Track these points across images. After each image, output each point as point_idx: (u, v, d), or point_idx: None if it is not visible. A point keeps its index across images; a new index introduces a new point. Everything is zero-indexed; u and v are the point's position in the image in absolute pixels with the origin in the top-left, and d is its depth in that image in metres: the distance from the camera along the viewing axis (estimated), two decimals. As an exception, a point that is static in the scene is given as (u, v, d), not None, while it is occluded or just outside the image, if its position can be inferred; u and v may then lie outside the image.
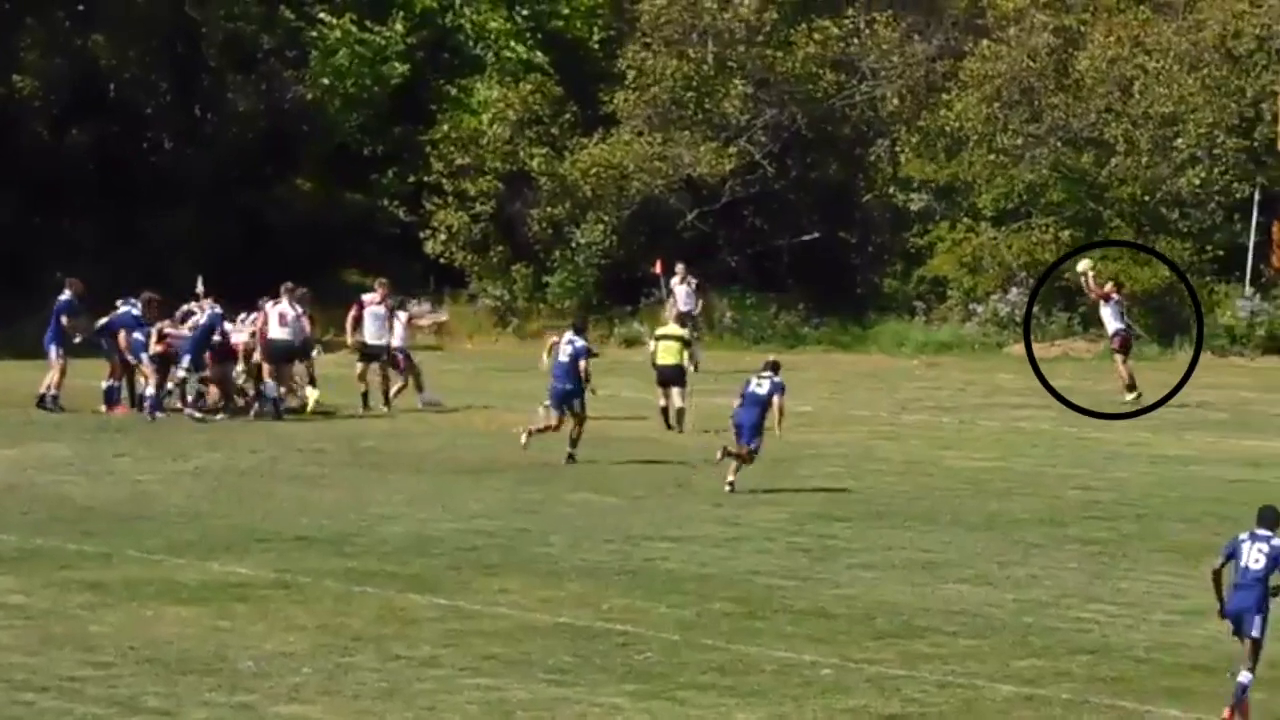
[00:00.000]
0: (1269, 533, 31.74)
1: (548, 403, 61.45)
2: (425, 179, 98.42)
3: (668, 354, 66.48)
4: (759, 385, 55.55)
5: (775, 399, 55.45)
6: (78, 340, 69.55)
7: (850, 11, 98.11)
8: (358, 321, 71.18)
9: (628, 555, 43.96)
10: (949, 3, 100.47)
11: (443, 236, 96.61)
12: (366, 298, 72.89)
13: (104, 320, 69.36)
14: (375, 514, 49.85)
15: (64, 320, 69.42)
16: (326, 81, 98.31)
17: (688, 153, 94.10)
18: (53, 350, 69.31)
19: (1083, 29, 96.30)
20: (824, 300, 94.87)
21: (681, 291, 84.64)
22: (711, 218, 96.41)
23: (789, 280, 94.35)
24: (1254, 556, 31.26)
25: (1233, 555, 31.49)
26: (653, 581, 41.08)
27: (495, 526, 48.59)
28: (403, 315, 73.48)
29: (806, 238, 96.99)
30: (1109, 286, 76.85)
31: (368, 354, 70.58)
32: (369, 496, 52.60)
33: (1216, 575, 31.39)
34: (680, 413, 65.52)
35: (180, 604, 38.89)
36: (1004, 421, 70.39)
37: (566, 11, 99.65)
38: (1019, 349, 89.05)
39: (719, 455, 53.98)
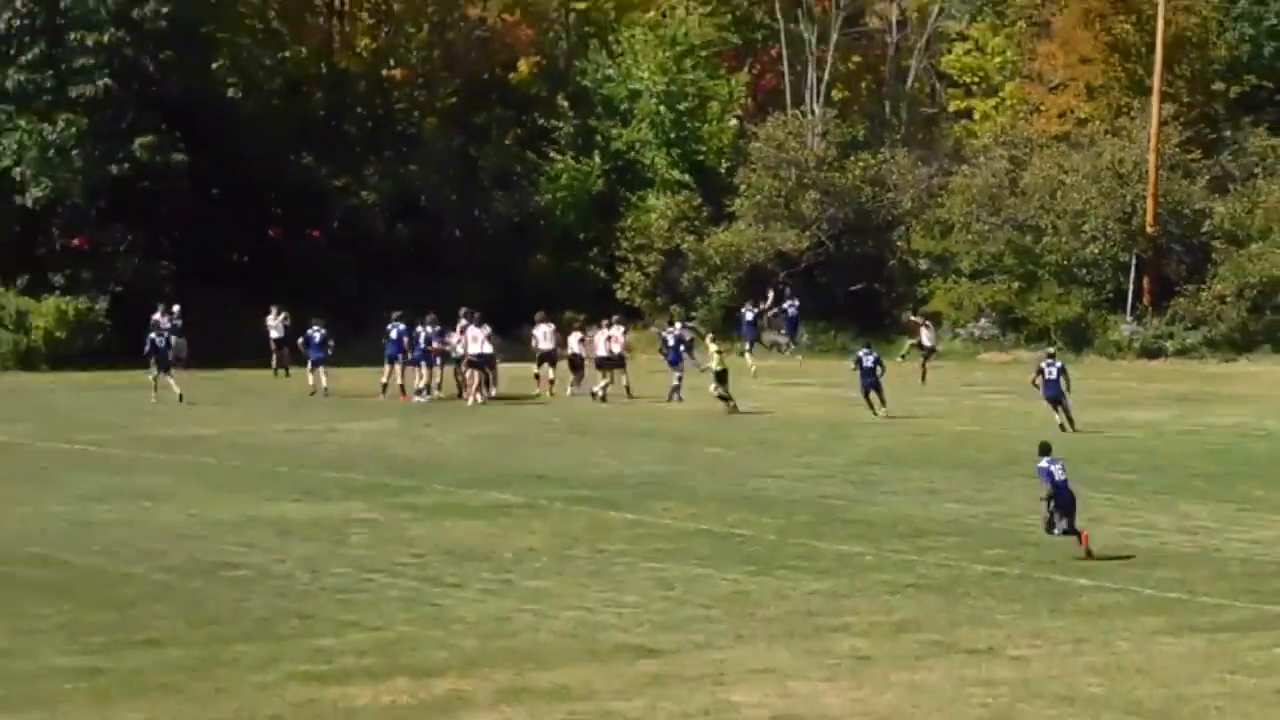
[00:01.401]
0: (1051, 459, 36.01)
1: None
2: (616, 253, 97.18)
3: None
4: (1051, 368, 59.09)
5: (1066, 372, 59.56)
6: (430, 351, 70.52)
7: (881, 149, 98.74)
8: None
9: (741, 485, 47.37)
10: (942, 142, 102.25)
11: (628, 288, 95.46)
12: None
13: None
14: (585, 461, 52.91)
15: (404, 341, 70.26)
16: (554, 194, 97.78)
17: (779, 236, 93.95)
18: (393, 363, 70.93)
19: (1025, 158, 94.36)
20: (866, 326, 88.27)
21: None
22: (793, 277, 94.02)
23: (843, 315, 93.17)
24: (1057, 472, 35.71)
25: (1049, 476, 35.59)
26: (758, 502, 44.33)
27: (659, 469, 51.35)
28: (599, 334, 72.41)
29: (854, 288, 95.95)
30: (920, 319, 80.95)
31: (602, 363, 70.50)
32: (581, 451, 55.57)
33: (1048, 497, 35.55)
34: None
35: (466, 518, 42.23)
36: (978, 401, 71.77)
37: (705, 150, 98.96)
38: (988, 357, 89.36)
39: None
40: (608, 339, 71.05)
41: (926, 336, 79.69)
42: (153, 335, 69.36)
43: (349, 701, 25.14)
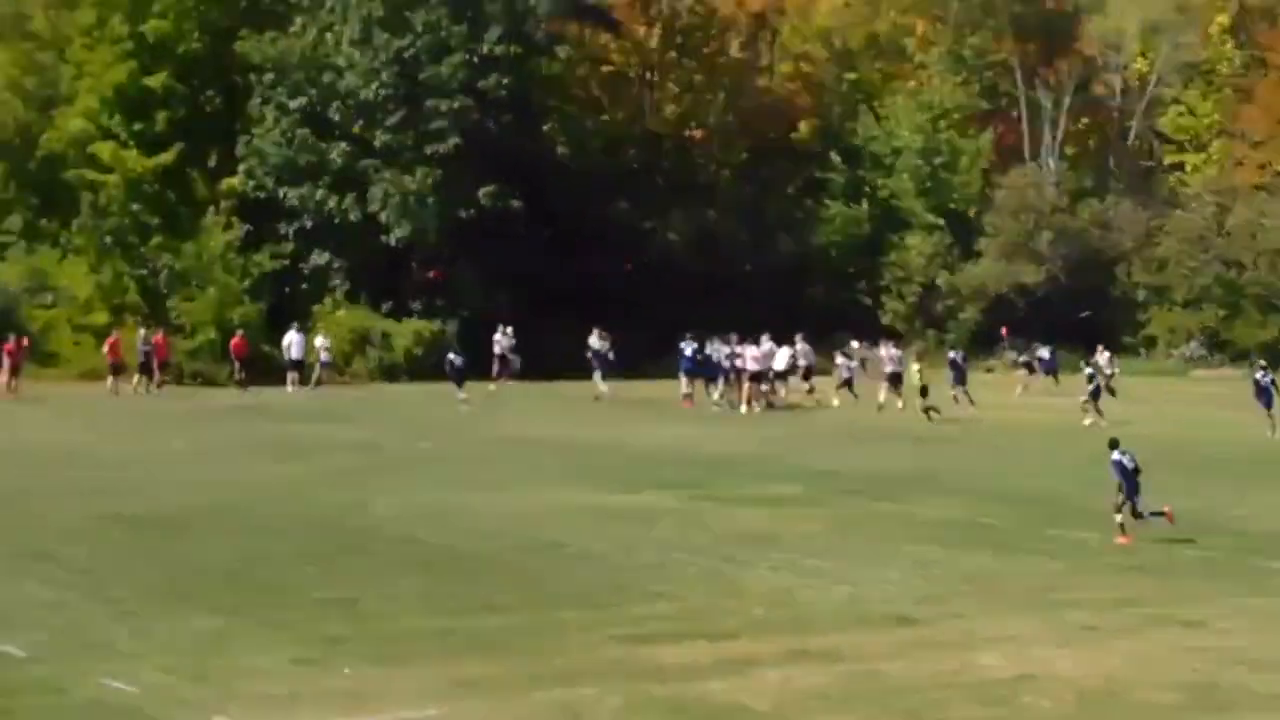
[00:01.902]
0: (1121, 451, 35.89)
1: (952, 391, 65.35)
2: (880, 284, 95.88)
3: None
4: (1265, 376, 58.47)
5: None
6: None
7: (1106, 196, 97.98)
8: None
9: (986, 481, 46.29)
10: (1158, 191, 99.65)
11: (890, 315, 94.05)
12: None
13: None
14: (855, 460, 51.45)
15: (697, 357, 69.60)
16: (828, 235, 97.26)
17: (1019, 270, 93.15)
18: (689, 376, 70.24)
19: (1230, 204, 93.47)
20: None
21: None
22: (1031, 307, 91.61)
23: (1074, 338, 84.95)
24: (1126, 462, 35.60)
25: (1120, 467, 35.60)
26: (1000, 495, 43.41)
27: (918, 467, 49.99)
28: (884, 352, 70.92)
29: (1082, 315, 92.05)
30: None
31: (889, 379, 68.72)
32: (851, 452, 53.89)
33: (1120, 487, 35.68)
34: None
35: (755, 507, 41.42)
36: (1186, 411, 68.50)
37: (956, 197, 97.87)
38: (1198, 374, 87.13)
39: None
40: (891, 358, 69.73)
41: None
42: (450, 355, 70.92)
43: (657, 660, 25.36)
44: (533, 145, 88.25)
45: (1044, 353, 74.67)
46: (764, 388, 68.92)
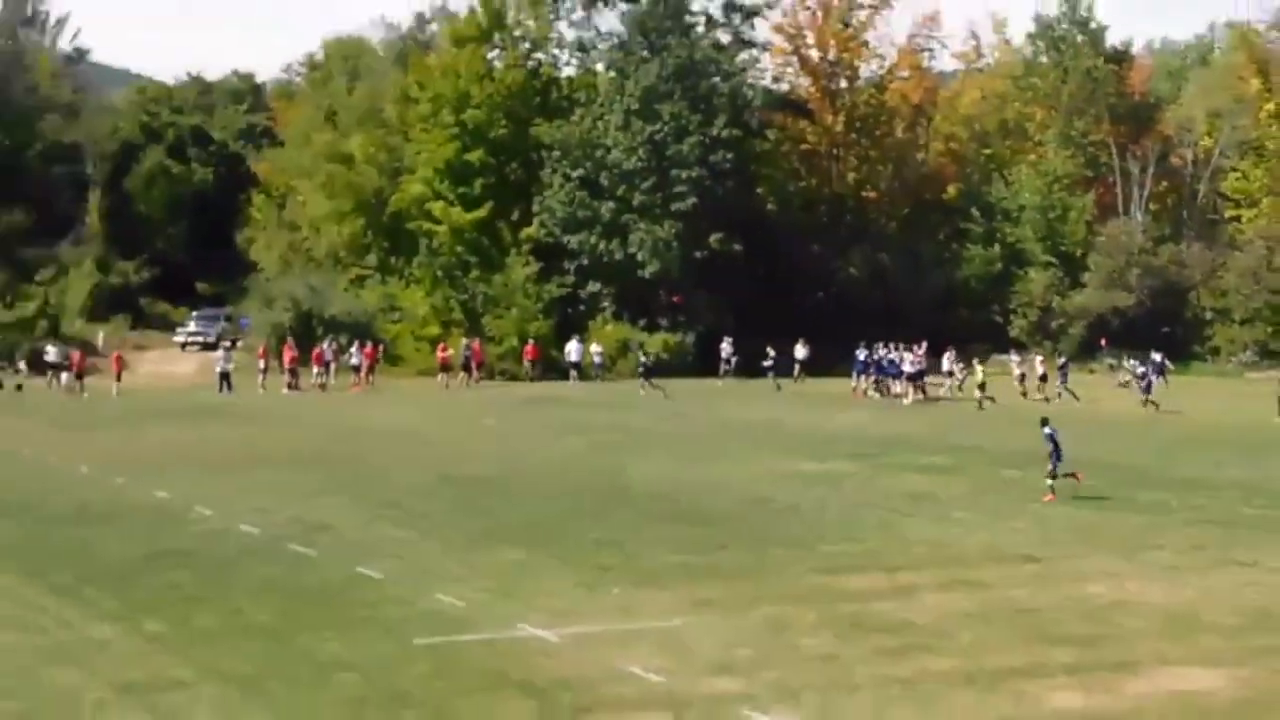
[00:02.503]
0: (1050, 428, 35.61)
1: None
2: (1009, 308, 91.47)
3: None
4: None
5: None
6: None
7: (1181, 241, 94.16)
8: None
9: (1087, 457, 42.39)
10: (1221, 237, 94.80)
11: (1017, 330, 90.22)
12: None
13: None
14: (997, 439, 49.11)
15: (869, 361, 68.91)
16: (969, 271, 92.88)
17: (1115, 297, 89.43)
18: (860, 375, 69.22)
19: (1277, 246, 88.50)
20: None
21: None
22: (1123, 325, 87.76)
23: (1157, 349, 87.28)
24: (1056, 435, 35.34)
25: (1051, 438, 35.29)
26: (1098, 467, 40.86)
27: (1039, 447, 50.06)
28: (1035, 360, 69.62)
29: (1163, 330, 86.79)
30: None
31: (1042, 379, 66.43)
32: (994, 433, 51.09)
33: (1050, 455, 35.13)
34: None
35: (917, 473, 41.16)
36: (1239, 405, 64.45)
37: (1066, 241, 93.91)
38: (1251, 375, 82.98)
39: None
40: (913, 360, 67.14)
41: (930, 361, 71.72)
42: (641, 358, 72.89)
43: (843, 586, 25.87)
44: (749, 204, 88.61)
45: (1156, 357, 71.95)
46: (918, 384, 67.08)
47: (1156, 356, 72.16)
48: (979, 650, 21.70)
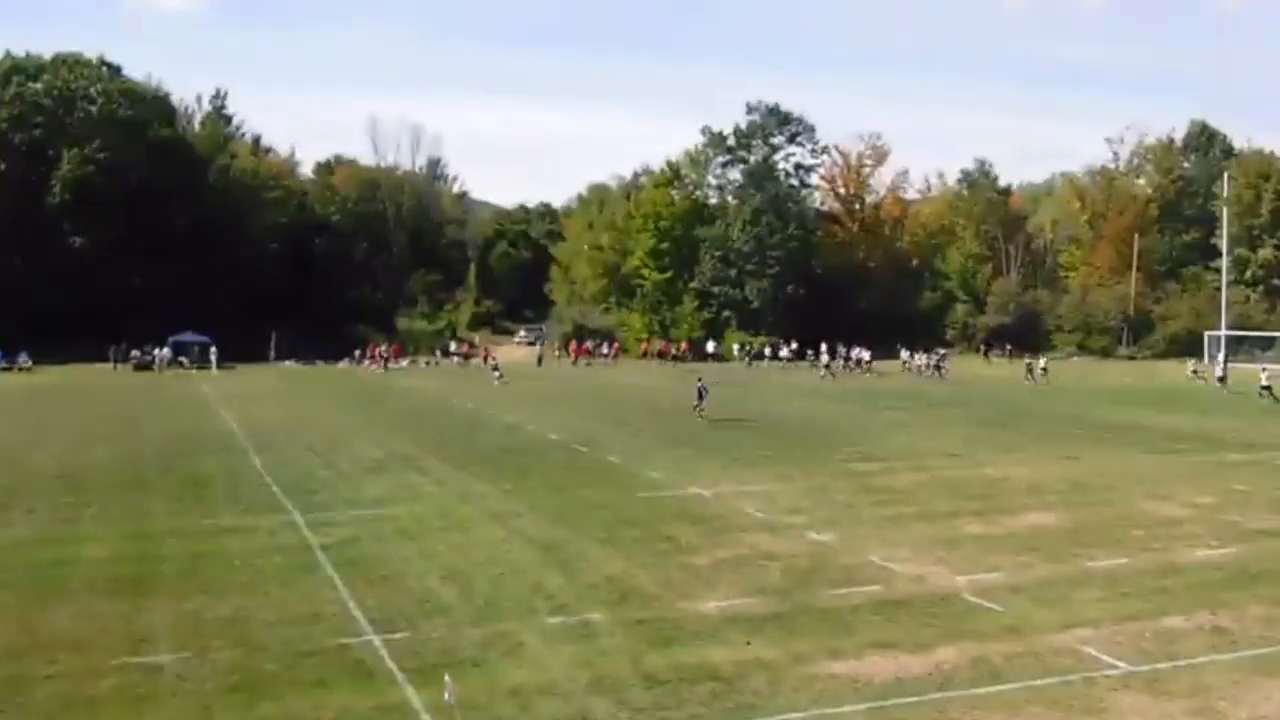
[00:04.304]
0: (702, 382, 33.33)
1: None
2: (948, 324, 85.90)
3: None
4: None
5: None
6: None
7: (1039, 290, 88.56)
8: None
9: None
10: (1060, 284, 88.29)
11: (950, 336, 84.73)
12: None
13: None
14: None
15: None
16: (924, 305, 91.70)
17: (993, 319, 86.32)
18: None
19: (1088, 291, 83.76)
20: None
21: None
22: (993, 336, 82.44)
23: None
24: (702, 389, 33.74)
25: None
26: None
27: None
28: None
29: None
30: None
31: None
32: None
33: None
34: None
35: (895, 410, 39.17)
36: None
37: (977, 290, 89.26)
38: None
39: None
40: (921, 354, 61.22)
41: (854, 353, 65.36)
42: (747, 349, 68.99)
43: (858, 469, 25.74)
44: (808, 269, 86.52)
45: (940, 351, 65.31)
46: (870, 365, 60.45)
47: (940, 351, 68.09)
48: (928, 501, 21.25)
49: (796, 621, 13.30)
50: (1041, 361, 57.05)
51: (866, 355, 62.54)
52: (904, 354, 62.32)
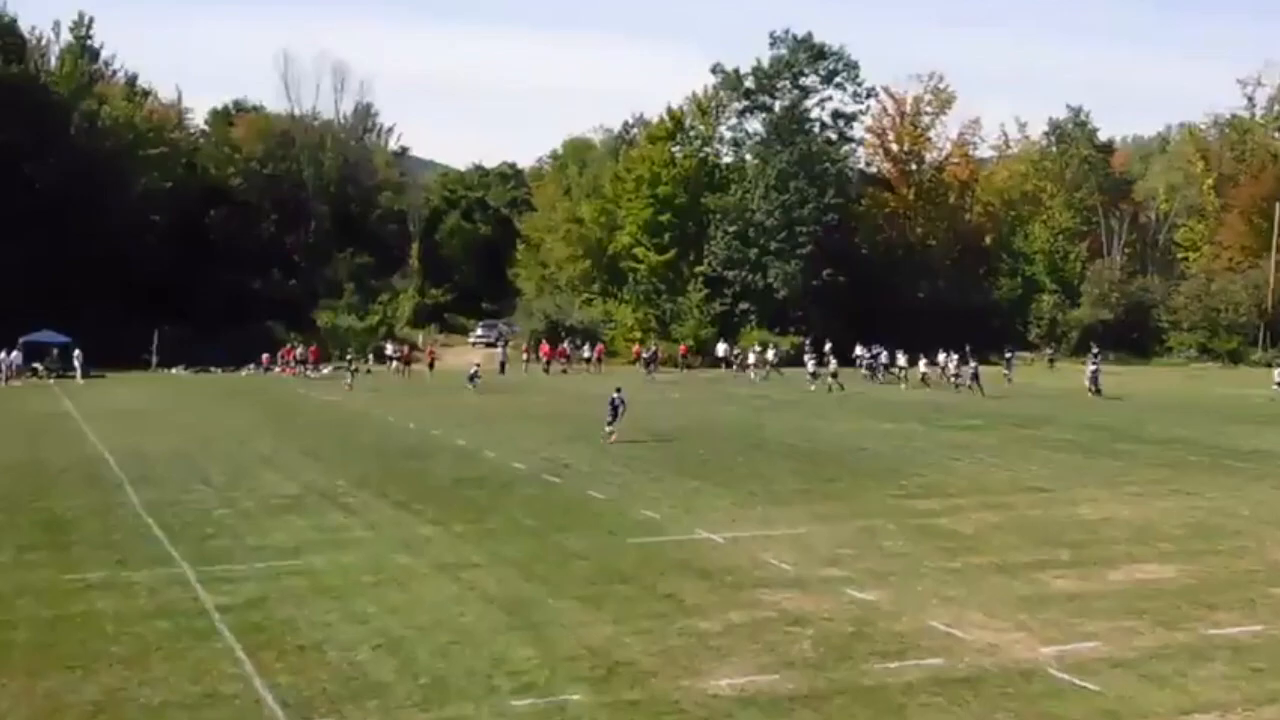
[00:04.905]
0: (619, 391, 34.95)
1: None
2: (1027, 320, 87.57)
3: None
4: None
5: None
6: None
7: (1148, 275, 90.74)
8: None
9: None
10: (1174, 270, 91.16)
11: (1033, 334, 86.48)
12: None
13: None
14: (1002, 409, 46.90)
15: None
16: (999, 297, 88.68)
17: (1100, 313, 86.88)
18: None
19: (1212, 279, 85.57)
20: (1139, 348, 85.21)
21: None
22: (1106, 331, 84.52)
23: None
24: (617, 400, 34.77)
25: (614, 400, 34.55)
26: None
27: (1050, 411, 45.26)
28: None
29: (1133, 337, 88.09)
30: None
31: None
32: (1000, 404, 49.20)
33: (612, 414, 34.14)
34: None
35: (958, 430, 39.50)
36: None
37: (1066, 273, 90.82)
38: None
39: None
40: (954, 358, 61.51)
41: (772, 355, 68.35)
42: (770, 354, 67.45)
43: (913, 507, 25.77)
44: (849, 249, 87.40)
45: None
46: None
47: (1010, 352, 69.23)
48: (1005, 550, 21.47)
49: (834, 705, 13.32)
50: (1094, 364, 56.17)
51: (901, 359, 63.46)
52: (941, 357, 62.54)
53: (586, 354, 74.80)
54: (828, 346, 67.89)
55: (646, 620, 16.69)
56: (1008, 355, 68.13)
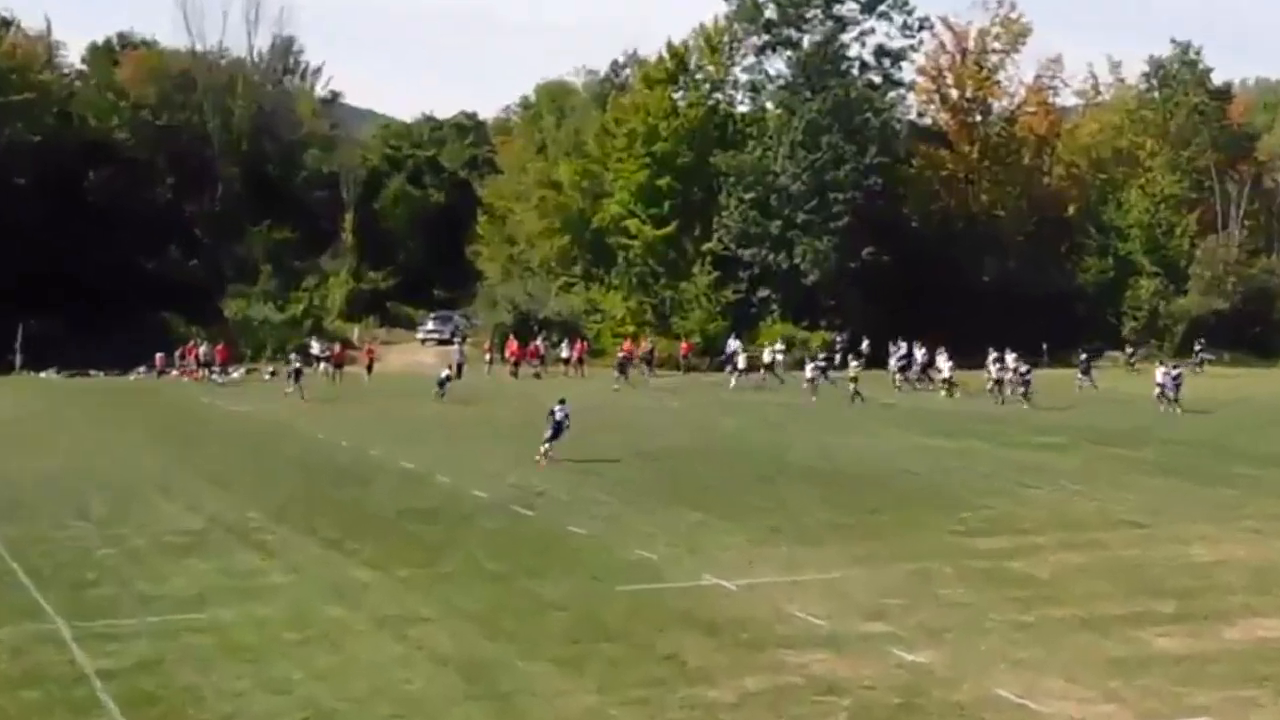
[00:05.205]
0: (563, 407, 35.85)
1: None
2: (1120, 310, 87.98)
3: None
4: None
5: None
6: None
7: (1272, 253, 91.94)
8: None
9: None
10: None
11: (1128, 329, 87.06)
12: None
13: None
14: (1084, 421, 48.07)
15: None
16: (1085, 281, 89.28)
17: (1212, 301, 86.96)
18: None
19: None
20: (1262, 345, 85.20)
21: None
22: (1220, 325, 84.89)
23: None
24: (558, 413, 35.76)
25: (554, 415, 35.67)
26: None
27: (1143, 424, 46.46)
28: None
29: (1256, 330, 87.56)
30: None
31: None
32: (1080, 415, 50.02)
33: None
34: None
35: (1032, 450, 40.54)
36: None
37: (1172, 253, 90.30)
38: None
39: None
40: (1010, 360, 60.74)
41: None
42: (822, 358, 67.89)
43: (976, 546, 26.03)
44: (896, 221, 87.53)
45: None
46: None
47: (1085, 353, 69.18)
48: (1093, 600, 21.56)
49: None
50: (1169, 369, 55.91)
51: (945, 364, 62.78)
52: (1010, 359, 61.78)
53: (565, 353, 74.96)
54: (862, 344, 68.55)
55: (640, 688, 16.77)
56: (1083, 356, 67.55)
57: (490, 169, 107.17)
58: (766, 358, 69.04)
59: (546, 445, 36.27)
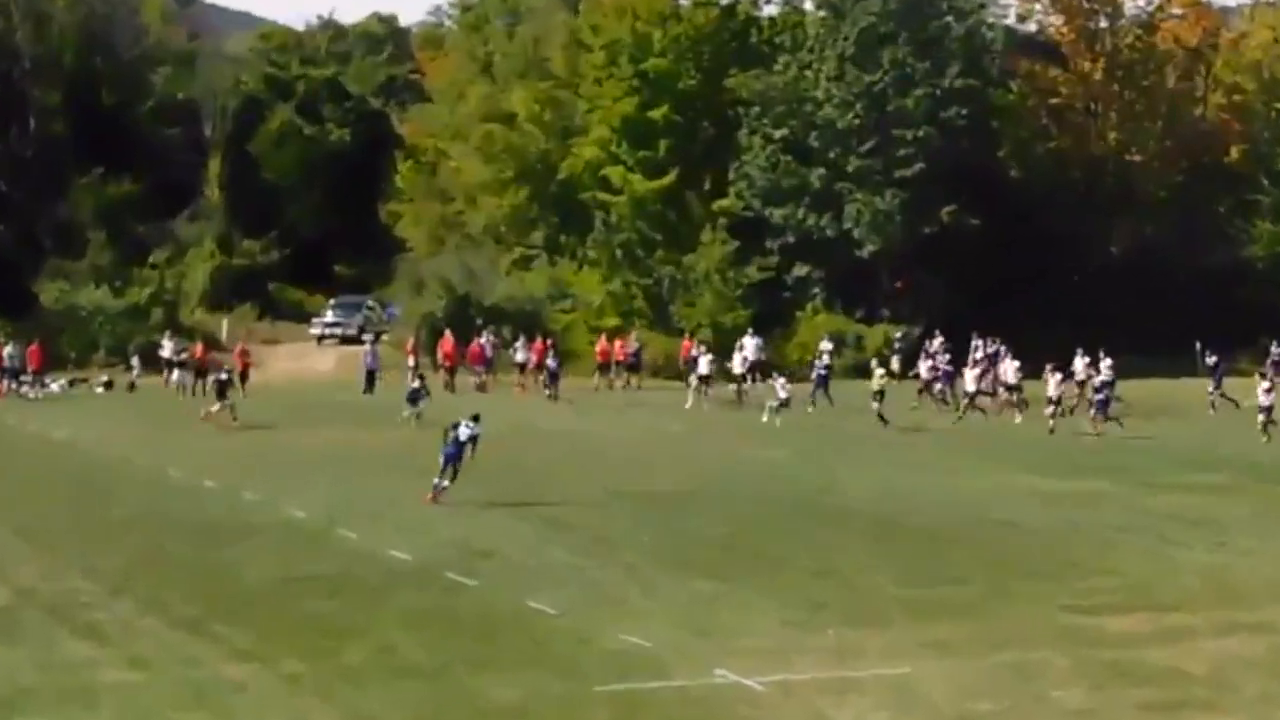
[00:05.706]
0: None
1: None
2: None
3: None
4: None
5: None
6: None
7: None
8: None
9: None
10: None
11: None
12: None
13: None
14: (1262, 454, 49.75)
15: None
16: (1257, 250, 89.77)
17: None
18: None
19: None
20: None
21: None
22: None
23: None
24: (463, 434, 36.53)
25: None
26: None
27: None
28: None
29: None
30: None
31: None
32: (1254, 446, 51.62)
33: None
34: None
35: (1183, 493, 41.42)
36: None
37: None
38: None
39: None
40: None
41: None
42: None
43: (1101, 628, 25.88)
44: (988, 169, 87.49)
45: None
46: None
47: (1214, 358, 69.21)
48: (1267, 706, 21.55)
49: None
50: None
51: (1013, 371, 63.24)
52: (1078, 364, 63.44)
53: (520, 356, 74.55)
54: (934, 342, 68.93)
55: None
56: (1212, 359, 67.72)
57: (414, 95, 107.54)
58: (822, 365, 66.30)
59: (440, 480, 36.65)
